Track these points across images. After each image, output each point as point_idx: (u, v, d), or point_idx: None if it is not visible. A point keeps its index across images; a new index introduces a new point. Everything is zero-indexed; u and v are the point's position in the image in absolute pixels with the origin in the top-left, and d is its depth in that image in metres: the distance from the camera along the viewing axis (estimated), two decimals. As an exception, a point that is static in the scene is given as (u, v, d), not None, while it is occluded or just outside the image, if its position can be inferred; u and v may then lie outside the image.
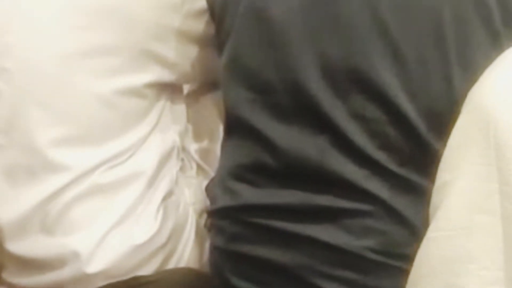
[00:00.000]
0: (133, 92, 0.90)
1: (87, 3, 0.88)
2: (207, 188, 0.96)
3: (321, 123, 0.79)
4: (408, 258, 0.59)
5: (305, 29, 0.79)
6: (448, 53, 0.75)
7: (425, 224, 0.57)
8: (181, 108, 0.99)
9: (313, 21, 0.78)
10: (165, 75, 0.93)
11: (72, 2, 0.88)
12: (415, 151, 0.76)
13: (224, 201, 0.87)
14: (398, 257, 0.74)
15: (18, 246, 0.89)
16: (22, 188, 0.88)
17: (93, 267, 0.86)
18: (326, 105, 0.78)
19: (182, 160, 0.98)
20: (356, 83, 0.77)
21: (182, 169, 0.98)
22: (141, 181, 0.90)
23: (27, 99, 0.88)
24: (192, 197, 0.97)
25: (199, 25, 0.95)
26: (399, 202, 0.76)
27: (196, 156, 1.01)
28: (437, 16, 0.74)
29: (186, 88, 1.02)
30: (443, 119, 0.71)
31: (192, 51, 0.96)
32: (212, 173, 0.99)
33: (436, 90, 0.75)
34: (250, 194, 0.83)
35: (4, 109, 0.88)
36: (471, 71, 0.70)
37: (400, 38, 0.75)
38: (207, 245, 0.95)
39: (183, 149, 0.99)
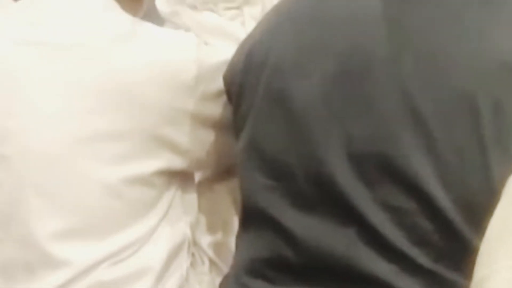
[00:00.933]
0: (141, 181, 0.89)
1: (95, 84, 0.89)
2: (221, 286, 0.94)
3: (347, 213, 0.77)
4: None
5: (328, 111, 0.79)
6: (484, 139, 0.74)
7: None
8: (192, 198, 0.98)
9: (336, 102, 0.78)
10: (177, 162, 0.93)
11: (80, 84, 0.89)
12: (451, 245, 0.75)
13: (240, 300, 0.85)
14: None
15: None
16: (18, 286, 0.87)
17: None
18: (352, 193, 0.77)
19: (193, 254, 0.97)
20: (385, 170, 0.76)
21: (193, 264, 0.96)
22: (148, 278, 0.88)
23: (26, 188, 0.88)
24: (204, 295, 0.95)
25: (215, 108, 0.96)
26: None
27: (208, 250, 1.00)
28: (472, 99, 0.74)
29: (198, 175, 1.02)
30: (480, 210, 0.69)
31: (207, 135, 0.96)
32: (225, 269, 0.96)
33: (473, 180, 0.74)
34: None
35: (2, 199, 0.88)
36: (510, 158, 0.70)
37: (432, 121, 0.74)
38: None
39: (194, 242, 0.97)
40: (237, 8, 1.37)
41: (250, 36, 0.92)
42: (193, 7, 1.36)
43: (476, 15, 0.76)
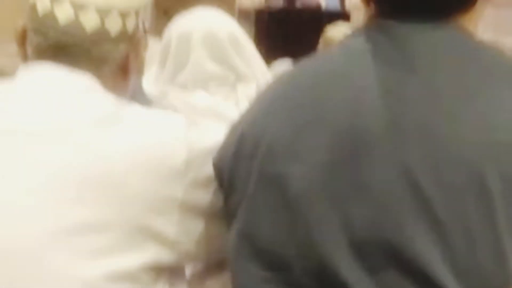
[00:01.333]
0: (125, 276, 0.85)
1: (74, 173, 0.86)
2: None
3: (351, 305, 0.74)
4: None
5: (326, 196, 0.77)
6: (496, 221, 0.71)
7: None
8: (182, 294, 0.93)
9: (334, 186, 0.76)
10: (164, 255, 0.89)
11: (57, 173, 0.87)
12: None
13: None
14: None
15: None
16: None
17: None
18: (354, 282, 0.74)
19: None
20: (390, 257, 0.74)
21: None
22: None
23: (-2, 287, 0.84)
24: None
25: (205, 195, 0.93)
26: None
27: None
28: (481, 178, 0.72)
29: (188, 269, 0.98)
30: None
31: (196, 225, 0.93)
32: None
33: (487, 268, 0.72)
34: None
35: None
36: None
37: (437, 203, 0.72)
38: None
39: None
40: (230, 87, 1.38)
41: (242, 118, 0.91)
42: (183, 87, 1.38)
43: (481, 87, 0.76)
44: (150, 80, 1.44)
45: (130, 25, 0.98)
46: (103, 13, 0.95)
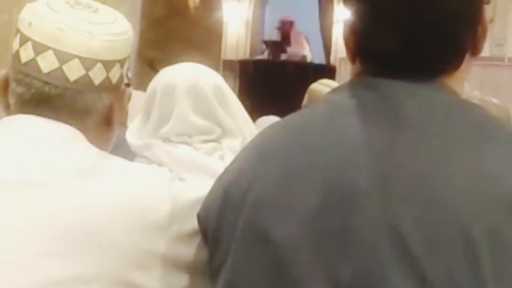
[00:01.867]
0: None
1: (53, 225, 0.86)
2: None
3: None
4: None
5: (313, 251, 0.77)
6: (484, 278, 0.72)
7: None
8: None
9: (321, 240, 0.77)
10: (146, 312, 0.89)
11: (36, 225, 0.86)
12: None
13: None
14: None
15: None
16: None
17: None
18: None
19: None
20: None
21: None
22: None
23: None
24: None
25: (189, 250, 0.94)
26: None
27: None
28: (467, 232, 0.73)
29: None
30: None
31: (179, 281, 0.93)
32: None
33: None
34: None
35: None
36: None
37: (424, 259, 0.73)
38: None
39: None
40: (215, 141, 1.39)
41: (227, 170, 0.92)
42: (167, 140, 1.37)
43: (469, 144, 0.78)
44: (133, 131, 1.45)
45: (115, 75, 1.00)
46: (87, 63, 0.96)
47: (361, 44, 0.88)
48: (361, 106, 0.83)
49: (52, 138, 0.94)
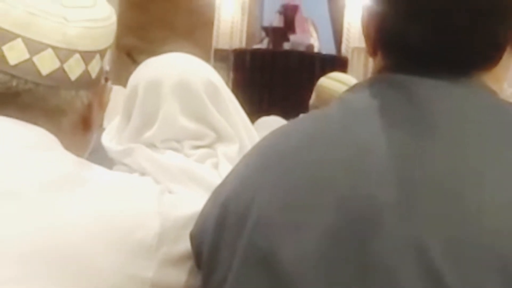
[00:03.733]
0: None
1: (24, 246, 0.86)
2: None
3: None
4: None
5: (326, 279, 0.78)
6: None
7: None
8: None
9: (337, 265, 0.78)
10: None
11: (3, 246, 0.86)
12: None
13: None
14: None
15: None
16: None
17: None
18: None
19: None
20: None
21: None
22: None
23: None
24: None
25: (180, 275, 0.95)
26: None
27: None
28: (505, 261, 0.73)
29: None
30: None
31: None
32: None
33: None
34: None
35: None
36: None
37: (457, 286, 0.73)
38: None
39: None
40: (208, 146, 1.38)
41: (225, 183, 0.93)
42: (152, 145, 1.37)
43: (505, 156, 0.78)
44: (111, 135, 1.44)
45: (94, 68, 1.00)
46: (62, 54, 0.95)
47: (384, 34, 0.88)
48: (384, 108, 0.84)
49: (19, 143, 0.94)
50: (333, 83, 2.92)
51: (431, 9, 0.83)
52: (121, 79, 1.89)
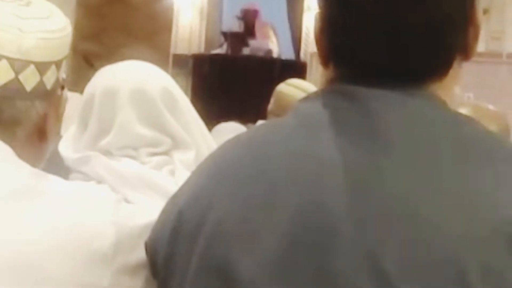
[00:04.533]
0: None
1: None
2: None
3: None
4: None
5: None
6: None
7: None
8: None
9: (292, 278, 0.78)
10: None
11: None
12: None
13: None
14: None
15: None
16: None
17: None
18: None
19: None
20: None
21: None
22: None
23: None
24: None
25: (136, 284, 0.95)
26: None
27: None
28: (458, 264, 0.74)
29: None
30: None
31: None
32: None
33: None
34: None
35: None
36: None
37: None
38: None
39: None
40: (165, 153, 1.39)
41: (180, 192, 0.93)
42: (109, 153, 1.37)
43: (460, 165, 0.79)
44: (68, 143, 1.44)
45: (50, 79, 1.00)
46: (17, 65, 0.95)
47: (335, 45, 0.89)
48: (335, 118, 0.84)
49: None
50: (291, 89, 2.95)
51: (380, 23, 0.85)
52: (78, 84, 1.88)
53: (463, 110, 0.92)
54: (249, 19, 8.89)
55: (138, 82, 1.39)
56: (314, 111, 0.87)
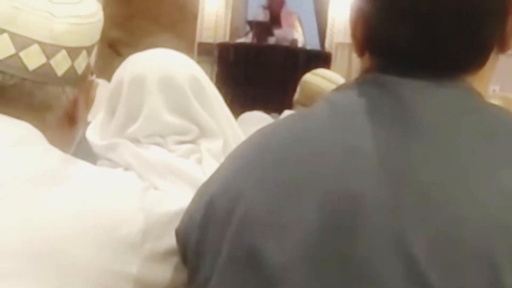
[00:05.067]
0: None
1: (5, 242, 0.86)
2: None
3: None
4: None
5: (312, 277, 0.79)
6: None
7: None
8: None
9: (323, 264, 0.78)
10: None
11: None
12: None
13: None
14: None
15: None
16: None
17: None
18: None
19: None
20: None
21: None
22: None
23: None
24: None
25: (165, 272, 0.95)
26: None
27: None
28: (490, 255, 0.74)
29: None
30: None
31: None
32: None
33: None
34: None
35: None
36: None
37: (442, 285, 0.74)
38: None
39: None
40: (192, 142, 1.39)
41: (211, 181, 0.93)
42: (136, 140, 1.37)
43: (494, 155, 0.79)
44: (95, 130, 1.45)
45: (80, 65, 1.00)
46: (48, 50, 0.96)
47: (371, 36, 0.89)
48: (369, 107, 0.85)
49: (4, 138, 0.94)
50: (318, 79, 2.94)
51: (417, 12, 0.84)
52: (105, 71, 1.89)
53: (493, 101, 0.90)
54: (274, 8, 8.87)
55: (166, 69, 1.39)
56: (348, 100, 0.87)
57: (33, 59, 0.95)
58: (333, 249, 0.79)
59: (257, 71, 8.34)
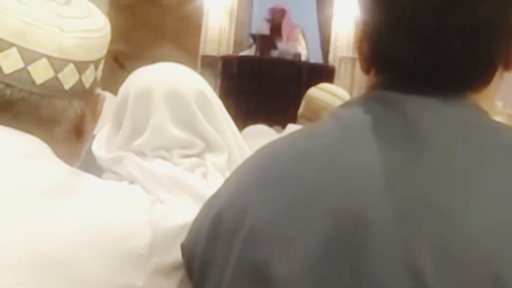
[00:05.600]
0: None
1: (17, 254, 0.87)
2: None
3: None
4: None
5: None
6: None
7: None
8: None
9: (330, 279, 0.78)
10: None
11: None
12: None
13: None
14: None
15: None
16: None
17: None
18: None
19: None
20: None
21: None
22: None
23: None
24: None
25: (171, 285, 0.95)
26: None
27: None
28: (498, 280, 0.74)
29: None
30: None
31: None
32: None
33: None
34: None
35: None
36: None
37: None
38: None
39: None
40: (197, 156, 1.40)
41: (218, 194, 0.94)
42: (142, 154, 1.38)
43: (501, 174, 0.79)
44: (101, 143, 1.45)
45: (88, 78, 1.01)
46: (56, 64, 0.96)
47: (377, 52, 0.90)
48: (376, 124, 0.85)
49: (13, 151, 0.95)
50: (323, 94, 2.94)
51: (423, 29, 0.85)
52: (108, 84, 1.89)
53: (497, 119, 0.91)
54: (276, 18, 8.86)
55: (172, 83, 1.39)
56: (354, 117, 0.87)
57: (41, 73, 0.96)
58: (339, 264, 0.79)
59: (261, 84, 8.34)
